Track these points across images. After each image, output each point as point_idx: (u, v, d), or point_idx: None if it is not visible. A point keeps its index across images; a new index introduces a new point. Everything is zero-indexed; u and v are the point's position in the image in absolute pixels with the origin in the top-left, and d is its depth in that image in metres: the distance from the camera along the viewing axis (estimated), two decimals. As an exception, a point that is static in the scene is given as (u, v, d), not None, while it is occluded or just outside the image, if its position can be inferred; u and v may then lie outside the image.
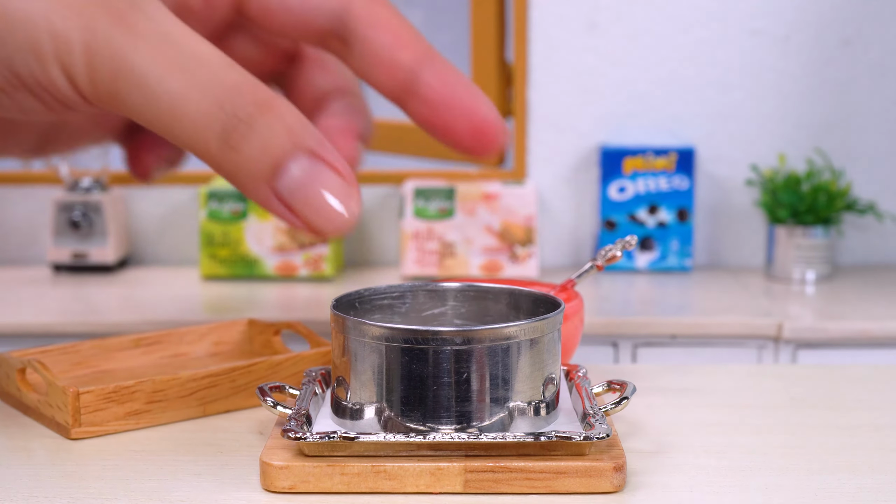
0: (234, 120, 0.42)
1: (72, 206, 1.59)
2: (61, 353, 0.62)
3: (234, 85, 0.42)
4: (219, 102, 0.42)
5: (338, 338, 0.49)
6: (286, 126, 0.42)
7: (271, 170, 0.42)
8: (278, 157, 0.42)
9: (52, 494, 0.47)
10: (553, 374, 0.49)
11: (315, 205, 0.43)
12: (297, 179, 0.43)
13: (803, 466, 0.50)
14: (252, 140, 0.42)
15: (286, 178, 0.42)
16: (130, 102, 0.42)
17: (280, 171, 0.42)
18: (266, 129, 0.42)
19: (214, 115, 0.42)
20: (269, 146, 0.42)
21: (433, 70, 0.52)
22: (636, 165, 1.58)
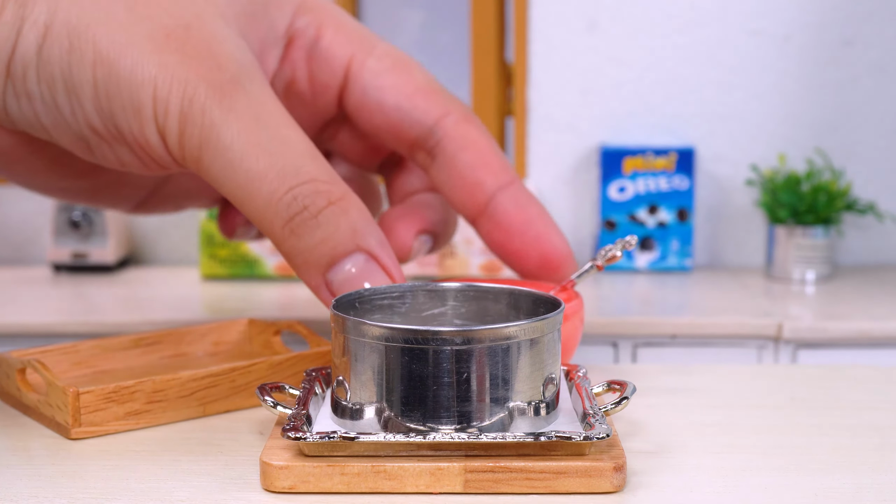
0: (302, 209, 0.44)
1: (72, 206, 1.59)
2: (61, 353, 0.62)
3: (310, 176, 0.44)
4: (291, 189, 0.44)
5: (338, 338, 0.49)
6: (351, 224, 0.45)
7: (328, 262, 0.46)
8: (337, 252, 0.45)
9: (52, 494, 0.47)
10: (553, 374, 0.49)
11: None
12: (350, 275, 0.46)
13: (803, 466, 0.50)
14: (315, 231, 0.45)
15: (340, 272, 0.46)
16: (212, 171, 0.44)
17: (335, 265, 0.46)
18: (331, 224, 0.45)
19: (285, 200, 0.44)
20: (331, 240, 0.45)
21: (511, 195, 0.55)
22: (636, 165, 1.58)
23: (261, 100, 0.45)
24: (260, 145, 0.44)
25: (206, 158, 0.44)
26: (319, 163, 0.45)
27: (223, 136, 0.44)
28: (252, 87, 0.45)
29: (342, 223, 0.45)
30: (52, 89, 0.46)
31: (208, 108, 0.44)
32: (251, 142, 0.44)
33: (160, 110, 0.44)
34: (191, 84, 0.44)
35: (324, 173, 0.45)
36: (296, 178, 0.44)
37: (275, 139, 0.44)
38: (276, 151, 0.44)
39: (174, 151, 0.45)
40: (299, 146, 0.45)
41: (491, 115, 1.73)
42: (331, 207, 0.45)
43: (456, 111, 0.56)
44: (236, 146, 0.44)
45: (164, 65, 0.43)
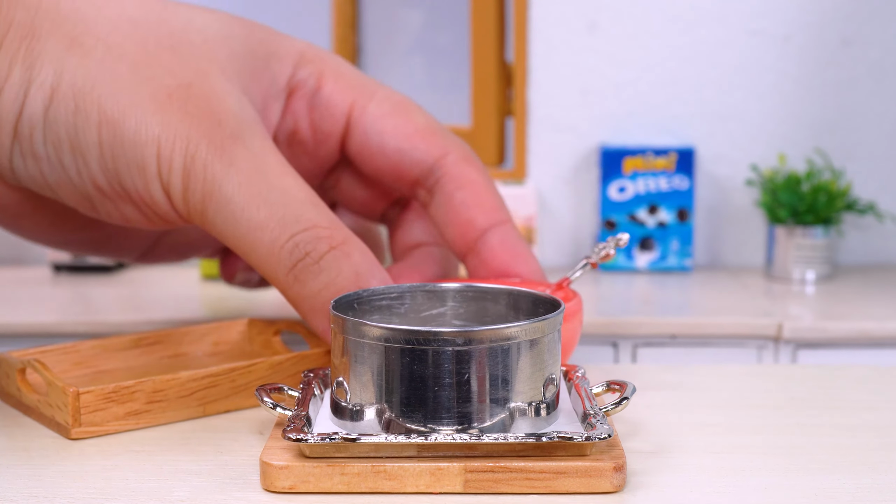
0: (304, 255, 0.46)
1: (72, 206, 1.60)
2: (61, 353, 0.62)
3: (311, 223, 0.46)
4: (293, 237, 0.46)
5: (337, 338, 0.49)
6: (353, 267, 0.47)
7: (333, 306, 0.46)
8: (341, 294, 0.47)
9: (52, 494, 0.47)
10: (553, 374, 0.49)
11: None
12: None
13: (803, 466, 0.50)
14: (319, 277, 0.46)
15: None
16: (216, 223, 0.46)
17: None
18: (333, 269, 0.46)
19: (287, 248, 0.46)
20: (334, 285, 0.47)
21: (500, 234, 0.57)
22: (636, 165, 1.58)
23: (261, 153, 0.46)
24: (261, 196, 0.45)
25: (210, 212, 0.46)
26: (320, 209, 0.46)
27: (225, 189, 0.45)
28: (253, 141, 0.46)
29: (345, 267, 0.46)
30: (58, 150, 0.47)
31: (210, 163, 0.45)
32: (252, 193, 0.45)
33: (164, 168, 0.46)
34: (192, 141, 0.45)
35: (324, 219, 0.46)
36: (297, 226, 0.46)
37: (275, 189, 0.45)
38: (277, 201, 0.45)
39: (179, 207, 0.47)
40: (300, 194, 0.46)
41: (491, 115, 1.73)
42: (333, 252, 0.46)
43: (455, 151, 0.57)
44: (238, 198, 0.45)
45: (166, 124, 0.45)
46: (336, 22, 1.77)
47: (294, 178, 0.47)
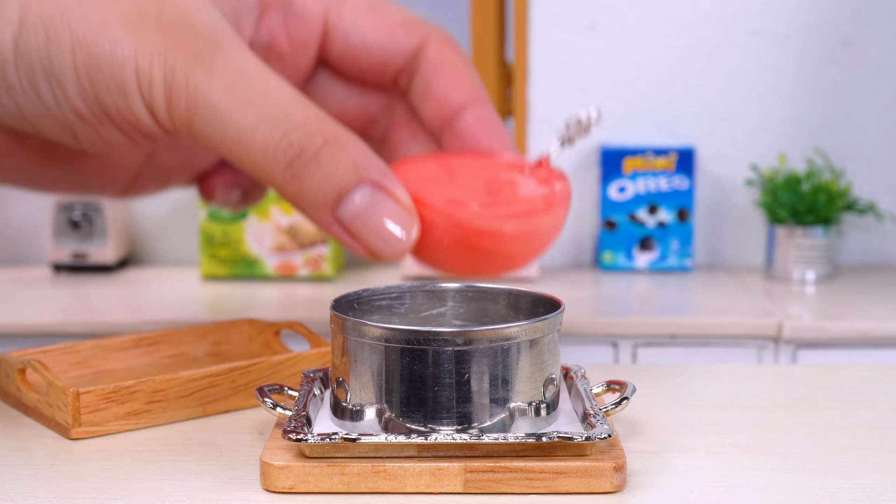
0: (299, 152, 0.45)
1: (72, 206, 1.60)
2: (61, 353, 0.62)
3: (302, 119, 0.45)
4: (285, 135, 0.45)
5: (337, 338, 0.49)
6: (351, 159, 0.45)
7: (334, 199, 0.46)
8: (341, 188, 0.45)
9: (52, 494, 0.47)
10: (553, 374, 0.49)
11: (374, 230, 0.46)
12: (359, 207, 0.46)
13: (803, 466, 0.50)
14: (316, 171, 0.45)
15: (348, 207, 0.46)
16: (204, 132, 0.45)
17: (342, 201, 0.46)
18: (330, 162, 0.45)
19: (281, 146, 0.45)
20: (333, 177, 0.45)
21: (476, 113, 0.56)
22: (636, 165, 1.58)
23: (241, 59, 0.46)
24: (246, 99, 0.45)
25: (197, 122, 0.45)
26: (308, 107, 0.46)
27: (209, 97, 0.45)
28: (231, 49, 0.46)
29: (342, 159, 0.45)
30: (33, 81, 0.47)
31: (190, 73, 0.45)
32: (237, 97, 0.45)
33: (144, 84, 0.46)
34: (170, 54, 0.45)
35: (314, 115, 0.46)
36: (287, 124, 0.45)
37: (260, 91, 0.45)
38: (264, 102, 0.45)
39: (163, 122, 0.46)
40: (286, 94, 0.45)
41: (491, 115, 1.73)
42: (328, 146, 0.45)
43: (435, 36, 0.57)
44: (223, 104, 0.45)
45: (141, 40, 0.44)
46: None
47: (277, 80, 0.46)
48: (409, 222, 0.47)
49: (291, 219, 1.55)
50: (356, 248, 0.48)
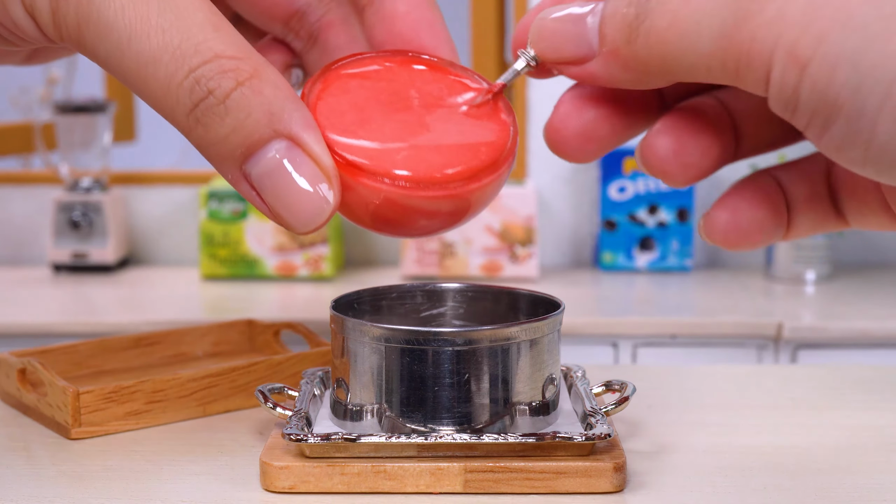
0: (206, 94, 0.38)
1: (72, 206, 1.60)
2: (61, 353, 0.62)
3: (213, 52, 0.38)
4: (192, 71, 0.38)
5: (337, 338, 0.49)
6: (265, 106, 0.38)
7: (243, 152, 0.39)
8: (252, 141, 0.38)
9: (52, 494, 0.47)
10: (553, 374, 0.49)
11: (284, 197, 0.39)
12: (269, 166, 0.38)
13: (803, 466, 0.50)
14: (225, 119, 0.38)
15: (258, 164, 0.38)
16: (98, 53, 0.38)
17: (252, 155, 0.38)
18: (242, 108, 0.38)
19: (186, 85, 0.38)
20: (243, 128, 0.38)
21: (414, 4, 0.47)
22: (636, 165, 1.58)
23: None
24: (150, 20, 0.37)
25: (89, 39, 0.38)
26: (224, 33, 0.38)
27: (104, 14, 0.37)
28: None
29: (255, 106, 0.38)
30: None
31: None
32: (139, 17, 0.37)
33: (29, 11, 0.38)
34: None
35: (230, 46, 0.38)
36: (196, 57, 0.37)
37: (167, 10, 0.37)
38: (170, 26, 0.37)
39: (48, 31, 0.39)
40: (197, 15, 0.38)
41: (491, 115, 1.73)
42: (240, 89, 0.37)
43: None
44: (121, 24, 0.37)
45: None
46: (336, 22, 1.77)
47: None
48: (326, 192, 0.38)
49: (291, 219, 1.55)
50: (265, 211, 0.40)
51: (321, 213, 0.38)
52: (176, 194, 1.70)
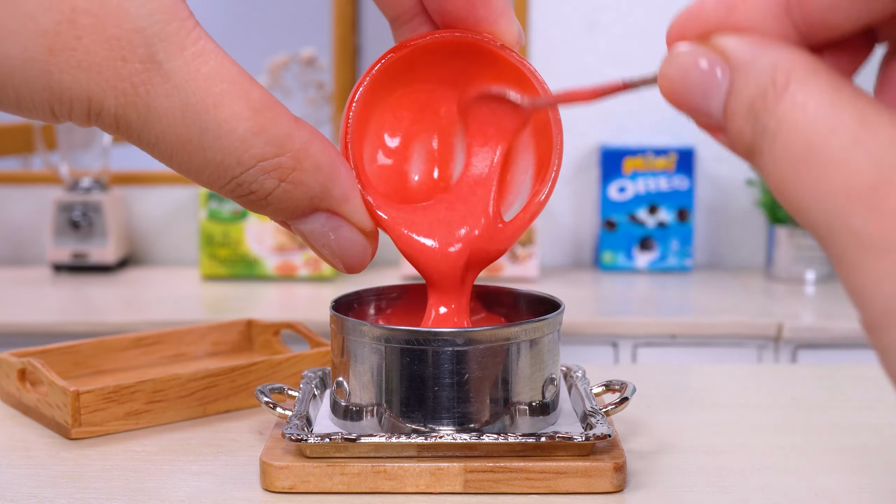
0: (248, 193, 0.41)
1: (72, 206, 1.59)
2: (61, 353, 0.62)
3: (255, 160, 0.40)
4: (234, 178, 0.41)
5: (337, 338, 0.49)
6: (307, 193, 0.42)
7: (284, 221, 0.43)
8: (294, 217, 0.42)
9: (52, 494, 0.47)
10: (553, 374, 0.49)
11: (325, 249, 0.43)
12: (311, 230, 0.43)
13: (803, 466, 0.50)
14: (267, 208, 0.42)
15: (301, 225, 0.43)
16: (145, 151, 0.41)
17: (295, 222, 0.43)
18: (283, 201, 0.42)
19: (229, 187, 0.41)
20: (285, 210, 0.42)
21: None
22: (636, 165, 1.58)
23: (184, 77, 0.39)
24: (191, 143, 0.39)
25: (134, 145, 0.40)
26: (266, 133, 0.40)
27: (145, 138, 0.39)
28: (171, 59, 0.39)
29: (296, 197, 0.41)
30: None
31: (121, 116, 0.39)
32: (180, 141, 0.39)
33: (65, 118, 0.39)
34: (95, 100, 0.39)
35: (271, 145, 0.40)
36: (238, 168, 0.40)
37: (208, 131, 0.39)
38: (211, 146, 0.39)
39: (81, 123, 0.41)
40: (239, 127, 0.40)
41: (491, 115, 1.73)
42: (282, 186, 0.41)
43: None
44: (162, 146, 0.39)
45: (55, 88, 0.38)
46: (336, 22, 1.77)
47: (232, 103, 0.40)
48: (364, 249, 0.43)
49: (291, 219, 1.55)
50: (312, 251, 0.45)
51: (361, 262, 0.44)
52: (176, 194, 1.70)
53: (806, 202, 0.27)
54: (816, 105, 0.27)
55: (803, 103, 0.27)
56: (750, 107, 0.29)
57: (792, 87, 0.28)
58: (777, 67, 0.28)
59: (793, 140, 0.27)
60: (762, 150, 0.29)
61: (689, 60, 0.31)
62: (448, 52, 0.43)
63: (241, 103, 0.40)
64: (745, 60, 0.29)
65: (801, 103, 0.27)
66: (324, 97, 1.73)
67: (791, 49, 0.29)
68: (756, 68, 0.29)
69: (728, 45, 0.30)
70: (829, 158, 0.27)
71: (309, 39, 1.80)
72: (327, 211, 0.42)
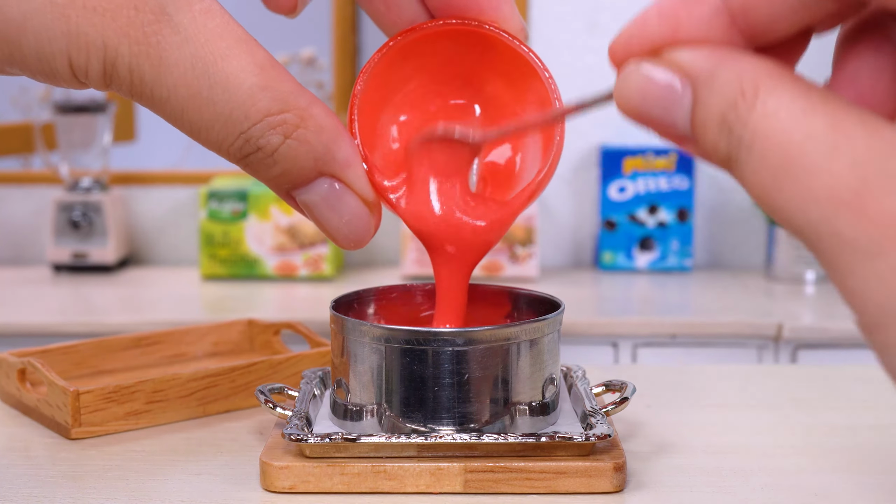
0: (256, 150, 0.42)
1: (72, 206, 1.59)
2: (61, 353, 0.62)
3: (262, 114, 0.41)
4: (242, 134, 0.41)
5: (337, 338, 0.49)
6: (311, 153, 0.42)
7: (289, 188, 0.43)
8: (298, 181, 0.43)
9: (52, 494, 0.47)
10: (553, 374, 0.49)
11: (328, 221, 0.43)
12: (315, 199, 0.43)
13: (803, 466, 0.50)
14: (273, 168, 0.42)
15: (305, 194, 0.43)
16: (152, 110, 0.42)
17: (298, 188, 0.43)
18: (288, 158, 0.42)
19: (236, 144, 0.42)
20: (289, 172, 0.43)
21: None
22: (636, 165, 1.58)
23: (194, 31, 0.40)
24: (201, 95, 0.40)
25: (144, 103, 0.41)
26: (272, 89, 0.41)
27: (158, 91, 0.40)
28: (179, 14, 0.40)
29: (301, 154, 0.42)
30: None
31: (135, 66, 0.40)
32: (190, 94, 0.40)
33: (80, 74, 0.40)
34: (110, 46, 0.40)
35: (277, 101, 0.41)
36: (246, 122, 0.41)
37: (217, 84, 0.41)
38: (220, 98, 0.41)
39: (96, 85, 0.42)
40: (247, 81, 0.41)
41: (491, 115, 1.73)
42: (287, 142, 0.42)
43: None
44: (174, 100, 0.41)
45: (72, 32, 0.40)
46: (336, 22, 1.77)
47: (238, 58, 0.41)
48: (368, 221, 0.44)
49: (291, 219, 1.55)
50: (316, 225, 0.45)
51: (364, 235, 0.43)
52: (176, 194, 1.70)
53: (790, 210, 0.27)
54: (788, 113, 0.27)
55: (775, 112, 0.27)
56: (722, 119, 0.29)
57: (762, 95, 0.28)
58: (743, 77, 0.28)
59: (770, 149, 0.27)
60: (739, 161, 0.28)
61: (644, 76, 0.31)
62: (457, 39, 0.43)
63: (247, 58, 0.41)
64: (706, 72, 0.29)
65: (773, 112, 0.27)
66: (324, 97, 1.73)
67: (752, 57, 0.29)
68: (720, 79, 0.29)
69: (683, 58, 0.30)
70: (808, 166, 0.27)
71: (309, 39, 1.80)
72: (331, 176, 0.43)
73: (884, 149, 0.26)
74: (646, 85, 0.31)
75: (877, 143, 0.26)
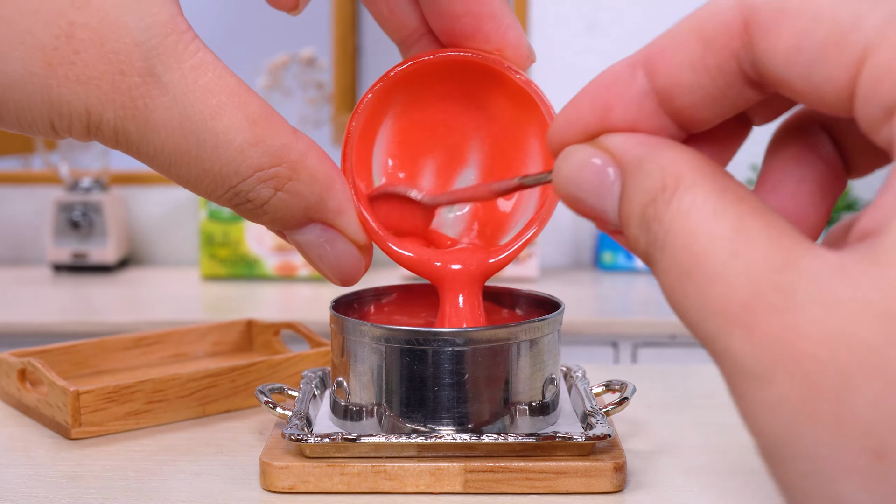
0: (245, 202, 0.42)
1: (72, 206, 1.60)
2: (61, 353, 0.62)
3: (252, 170, 0.41)
4: (232, 188, 0.41)
5: (337, 338, 0.49)
6: (303, 203, 0.42)
7: (280, 230, 0.43)
8: (289, 227, 0.43)
9: (52, 494, 0.47)
10: (553, 374, 0.49)
11: (319, 261, 0.44)
12: (306, 241, 0.43)
13: (803, 467, 0.50)
14: (263, 217, 0.42)
15: (297, 236, 0.43)
16: (140, 161, 0.41)
17: (291, 232, 0.43)
18: (279, 210, 0.42)
19: (226, 197, 0.42)
20: (281, 221, 0.43)
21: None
22: (636, 165, 1.58)
23: (182, 89, 0.40)
24: (189, 153, 0.40)
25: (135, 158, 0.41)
26: (263, 145, 0.41)
27: (144, 149, 0.40)
28: (169, 72, 0.39)
29: (292, 205, 0.42)
30: None
31: (120, 128, 0.40)
32: (178, 152, 0.40)
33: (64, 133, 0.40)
34: (94, 112, 0.39)
35: (267, 155, 0.41)
36: (236, 178, 0.41)
37: (206, 142, 0.40)
38: (209, 157, 0.40)
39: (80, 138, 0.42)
40: (237, 138, 0.40)
41: (491, 115, 1.73)
42: (278, 195, 0.41)
43: None
44: (161, 157, 0.40)
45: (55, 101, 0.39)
46: (336, 22, 1.77)
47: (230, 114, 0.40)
48: (358, 261, 0.44)
49: (291, 219, 1.55)
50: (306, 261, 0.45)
51: (355, 274, 0.43)
52: (176, 194, 1.70)
53: (692, 319, 0.26)
54: (698, 213, 0.25)
55: (688, 211, 0.26)
56: (642, 214, 0.27)
57: (679, 191, 0.26)
58: (666, 170, 0.27)
59: (678, 251, 0.26)
60: (654, 260, 0.27)
61: (582, 159, 0.30)
62: (455, 70, 0.43)
63: (238, 114, 0.40)
64: (633, 161, 0.28)
65: (685, 211, 0.26)
66: (324, 97, 1.73)
67: (677, 149, 0.27)
68: (645, 171, 0.27)
69: (614, 143, 0.29)
70: (708, 272, 0.25)
71: (309, 39, 1.80)
72: (322, 222, 0.43)
73: (782, 258, 0.24)
74: (582, 168, 0.30)
75: (776, 252, 0.24)
